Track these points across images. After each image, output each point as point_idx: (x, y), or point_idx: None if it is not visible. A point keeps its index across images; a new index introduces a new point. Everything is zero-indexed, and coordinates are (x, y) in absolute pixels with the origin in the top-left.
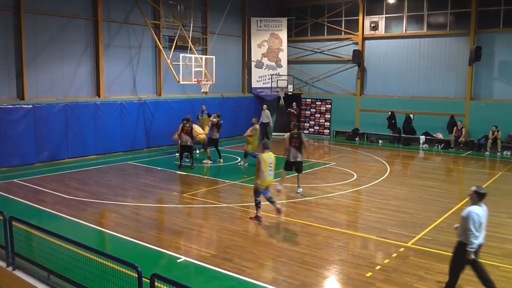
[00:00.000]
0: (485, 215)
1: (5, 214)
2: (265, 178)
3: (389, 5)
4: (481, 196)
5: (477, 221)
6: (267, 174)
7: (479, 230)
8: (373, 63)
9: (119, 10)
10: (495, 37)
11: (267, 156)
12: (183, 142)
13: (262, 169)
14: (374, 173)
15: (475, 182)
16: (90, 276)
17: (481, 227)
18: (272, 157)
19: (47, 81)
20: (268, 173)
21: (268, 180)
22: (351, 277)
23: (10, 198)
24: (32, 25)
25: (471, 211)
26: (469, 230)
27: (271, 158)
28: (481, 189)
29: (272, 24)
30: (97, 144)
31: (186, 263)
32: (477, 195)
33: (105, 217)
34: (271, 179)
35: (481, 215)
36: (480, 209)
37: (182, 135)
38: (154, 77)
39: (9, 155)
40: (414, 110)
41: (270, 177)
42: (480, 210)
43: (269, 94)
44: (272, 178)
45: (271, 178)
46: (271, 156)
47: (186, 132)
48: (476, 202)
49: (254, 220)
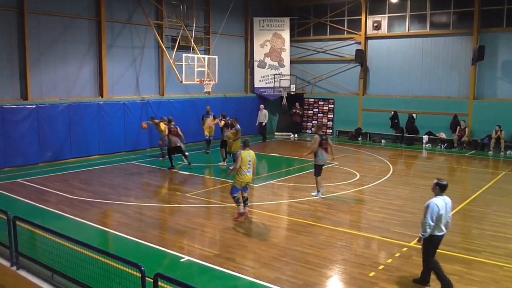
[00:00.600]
0: (447, 207)
1: (9, 213)
2: (244, 175)
3: (392, 5)
4: (442, 187)
5: (435, 212)
6: (246, 171)
7: (440, 221)
8: (376, 63)
9: (122, 10)
10: (498, 36)
11: (246, 154)
12: (172, 143)
13: (241, 166)
14: (377, 173)
15: (478, 181)
16: (94, 276)
17: (441, 218)
18: (252, 155)
19: (51, 81)
20: (247, 170)
21: (247, 178)
22: (354, 277)
23: (13, 198)
24: (36, 26)
25: (431, 201)
26: (424, 218)
27: (251, 156)
28: (442, 181)
29: (275, 24)
30: (100, 144)
31: (189, 262)
32: (438, 187)
33: (108, 216)
34: (249, 176)
35: (441, 206)
36: (441, 200)
37: (169, 137)
38: (157, 77)
39: (13, 155)
40: (417, 109)
41: (249, 174)
42: (441, 202)
43: (272, 94)
44: (251, 175)
45: (250, 175)
46: (251, 154)
47: (174, 133)
48: (438, 194)
49: (239, 220)
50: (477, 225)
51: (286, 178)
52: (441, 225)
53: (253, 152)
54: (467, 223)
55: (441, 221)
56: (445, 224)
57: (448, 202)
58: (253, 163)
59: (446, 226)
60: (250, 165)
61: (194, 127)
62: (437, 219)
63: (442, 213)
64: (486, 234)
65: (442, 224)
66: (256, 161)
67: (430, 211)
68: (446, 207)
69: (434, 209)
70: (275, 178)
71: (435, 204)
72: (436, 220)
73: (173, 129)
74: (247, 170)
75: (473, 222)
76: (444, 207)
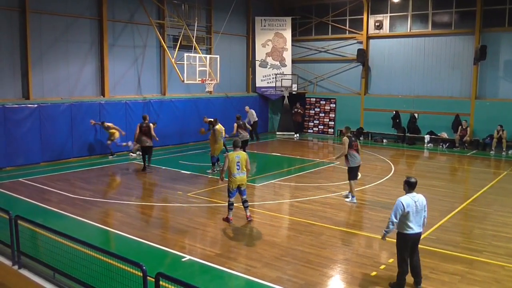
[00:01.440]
0: (417, 204)
1: (10, 213)
2: (233, 177)
3: (393, 4)
4: (411, 185)
5: (399, 210)
6: (235, 173)
7: (407, 219)
8: (377, 62)
9: (124, 10)
10: (500, 36)
11: (234, 155)
12: (142, 143)
13: (230, 168)
14: (378, 173)
15: (480, 181)
16: (95, 275)
17: (409, 216)
18: (240, 156)
19: (52, 81)
20: (236, 171)
21: (237, 180)
22: (356, 277)
23: (15, 197)
24: (37, 25)
25: (398, 199)
26: (390, 215)
27: (239, 157)
28: (410, 178)
29: (276, 24)
30: (102, 143)
31: (191, 262)
32: (407, 185)
33: (110, 216)
34: (240, 178)
35: (408, 204)
36: (410, 198)
37: (140, 136)
38: (158, 76)
39: (15, 155)
40: (418, 109)
41: (239, 176)
42: (409, 200)
43: (273, 93)
44: (242, 176)
45: (241, 176)
46: (240, 155)
47: (144, 132)
48: (407, 192)
49: (225, 221)
50: (479, 225)
51: (288, 177)
52: (409, 223)
53: (244, 153)
54: (469, 223)
55: (409, 219)
56: (417, 222)
57: (419, 200)
58: (242, 164)
59: (421, 224)
60: (239, 166)
61: (196, 127)
62: (404, 217)
63: (410, 211)
64: (488, 234)
65: (411, 222)
66: (249, 160)
67: (395, 208)
68: (416, 205)
69: (399, 206)
70: (277, 178)
71: (401, 202)
72: (403, 218)
73: (144, 128)
74: (237, 172)
75: (475, 222)
76: (413, 205)
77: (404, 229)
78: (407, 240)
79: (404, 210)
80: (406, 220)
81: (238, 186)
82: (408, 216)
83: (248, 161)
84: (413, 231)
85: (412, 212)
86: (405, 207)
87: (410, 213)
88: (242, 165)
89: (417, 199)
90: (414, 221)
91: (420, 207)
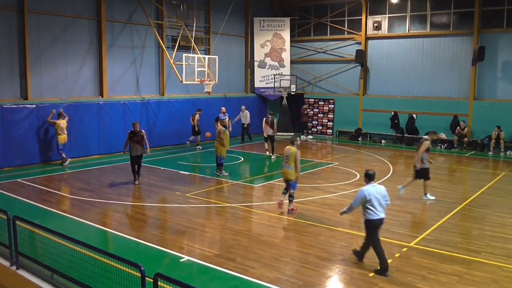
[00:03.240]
0: (377, 192)
1: (9, 213)
2: (282, 169)
3: (392, 5)
4: (369, 176)
5: (360, 197)
6: (283, 165)
7: (372, 206)
8: (376, 63)
9: (122, 10)
10: (498, 37)
11: (285, 150)
12: (132, 153)
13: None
14: (377, 173)
15: (478, 182)
16: (94, 276)
17: (373, 203)
18: (291, 151)
19: (51, 81)
20: (284, 164)
21: (284, 172)
22: (354, 277)
23: (13, 198)
24: (36, 25)
25: (361, 189)
26: (352, 201)
27: (289, 152)
28: (369, 171)
29: (275, 24)
30: (101, 144)
31: (189, 262)
32: (366, 177)
33: (108, 216)
34: (285, 171)
35: (369, 193)
36: (372, 188)
37: (130, 144)
38: (157, 77)
39: (13, 155)
40: (417, 110)
41: (284, 169)
42: (371, 189)
43: (272, 94)
44: (288, 170)
45: (286, 170)
46: (290, 150)
47: (137, 141)
48: (368, 183)
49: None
50: (477, 226)
51: None
52: (375, 209)
53: (294, 149)
54: (467, 223)
55: (374, 206)
56: (381, 209)
57: (380, 189)
58: (291, 159)
59: (384, 210)
60: (287, 160)
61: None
62: (370, 205)
63: (372, 199)
64: (486, 234)
65: (376, 209)
66: (297, 157)
67: (357, 196)
68: (377, 193)
69: (360, 195)
70: (276, 178)
71: (362, 191)
72: (370, 206)
73: (137, 136)
74: (284, 165)
75: (473, 222)
76: (374, 194)
77: (372, 216)
78: (376, 225)
79: (366, 198)
80: (372, 207)
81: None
82: (373, 203)
83: (297, 158)
84: (379, 216)
85: (375, 200)
86: (366, 195)
87: (374, 200)
88: (290, 160)
89: (377, 188)
90: (379, 208)
91: (381, 195)
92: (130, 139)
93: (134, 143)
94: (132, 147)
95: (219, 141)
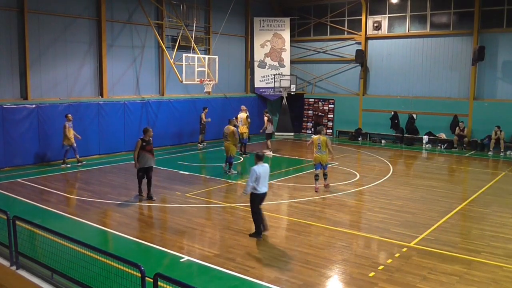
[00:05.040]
0: (265, 171)
1: (8, 213)
2: (315, 154)
3: (392, 5)
4: (259, 157)
5: (254, 175)
6: (317, 151)
7: (259, 182)
8: (376, 63)
9: (122, 10)
10: (498, 37)
11: (316, 138)
12: (141, 163)
13: (313, 148)
14: (377, 173)
15: (478, 182)
16: (94, 275)
17: (260, 179)
18: (321, 139)
19: (51, 81)
20: (317, 150)
21: (318, 157)
22: (354, 277)
23: (13, 198)
24: (36, 25)
25: (252, 168)
26: (248, 180)
27: (320, 140)
28: (258, 152)
29: (275, 24)
30: (100, 144)
31: (189, 262)
32: (256, 157)
33: (108, 216)
34: (319, 156)
35: (258, 171)
36: (261, 167)
37: (141, 154)
38: (157, 77)
39: (13, 155)
40: (417, 110)
41: (319, 154)
42: (260, 168)
43: (272, 94)
44: (322, 155)
45: (320, 155)
46: (320, 138)
47: (149, 150)
48: (257, 163)
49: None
50: (477, 226)
51: (286, 178)
52: (260, 185)
53: (324, 137)
54: (467, 223)
55: (260, 181)
56: (265, 184)
57: (265, 168)
58: (323, 145)
59: (267, 185)
60: (320, 147)
61: (195, 127)
62: (257, 180)
63: (261, 176)
64: (486, 234)
65: (261, 184)
66: (328, 143)
67: (251, 175)
68: (263, 172)
69: (253, 173)
70: (275, 178)
71: (253, 169)
72: (256, 180)
73: (149, 144)
74: (318, 151)
75: (473, 222)
76: (262, 172)
77: (256, 190)
78: (258, 198)
79: (257, 175)
80: (258, 183)
81: (319, 162)
82: (259, 180)
83: (328, 143)
84: (263, 191)
85: (261, 177)
86: (257, 173)
87: (261, 177)
88: (323, 146)
89: (264, 167)
90: (263, 184)
91: (265, 173)
92: (142, 148)
93: (146, 152)
94: (142, 157)
95: (231, 141)
